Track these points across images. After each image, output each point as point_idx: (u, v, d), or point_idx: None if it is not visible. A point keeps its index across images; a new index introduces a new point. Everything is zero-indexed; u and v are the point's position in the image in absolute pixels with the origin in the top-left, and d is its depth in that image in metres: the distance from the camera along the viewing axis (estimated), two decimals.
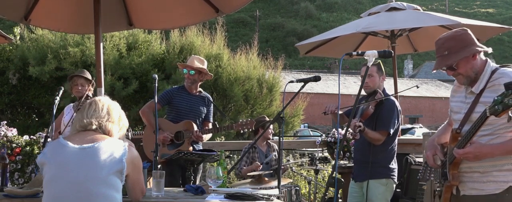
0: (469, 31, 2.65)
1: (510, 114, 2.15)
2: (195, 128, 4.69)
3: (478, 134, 2.50)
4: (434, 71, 2.70)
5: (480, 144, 2.47)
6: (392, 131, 3.94)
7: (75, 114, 4.16)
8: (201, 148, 4.84)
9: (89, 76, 4.68)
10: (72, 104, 4.76)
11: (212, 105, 4.95)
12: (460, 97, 2.74)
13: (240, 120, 4.71)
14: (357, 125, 3.74)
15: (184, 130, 4.67)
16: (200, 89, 4.90)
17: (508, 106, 2.10)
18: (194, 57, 4.83)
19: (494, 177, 2.54)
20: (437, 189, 2.72)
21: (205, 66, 4.81)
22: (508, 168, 2.52)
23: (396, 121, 3.99)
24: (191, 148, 4.69)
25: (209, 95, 4.97)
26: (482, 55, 2.65)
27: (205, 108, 4.87)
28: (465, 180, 2.61)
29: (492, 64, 2.65)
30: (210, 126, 4.84)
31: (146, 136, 4.83)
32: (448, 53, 2.59)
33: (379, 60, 3.97)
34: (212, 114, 4.97)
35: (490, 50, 2.67)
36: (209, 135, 4.84)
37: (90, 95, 4.60)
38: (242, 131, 4.74)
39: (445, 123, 2.98)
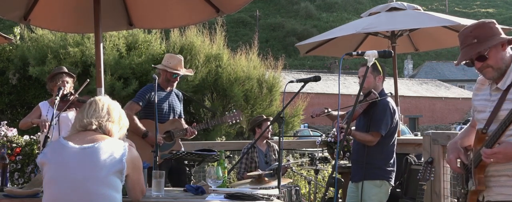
0: (496, 22, 2.49)
1: None
2: (185, 125, 4.62)
3: (506, 134, 2.30)
4: (458, 65, 2.49)
5: (511, 144, 2.25)
6: (384, 132, 3.93)
7: (55, 111, 4.13)
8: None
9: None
10: (46, 101, 4.71)
11: (183, 101, 4.88)
12: (484, 95, 2.52)
13: (227, 113, 4.67)
14: (340, 126, 3.74)
15: (173, 129, 4.58)
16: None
17: None
18: (179, 60, 4.67)
19: None
20: (460, 195, 2.52)
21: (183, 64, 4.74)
22: None
23: (390, 122, 3.96)
24: (183, 147, 4.66)
25: (179, 91, 4.86)
26: (509, 49, 2.45)
27: (180, 104, 4.81)
28: (491, 184, 2.40)
29: None
30: (183, 121, 4.76)
31: (133, 140, 4.75)
32: (477, 41, 2.38)
33: (376, 60, 3.97)
34: (183, 110, 4.88)
35: None
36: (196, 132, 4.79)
37: (73, 91, 4.58)
38: (231, 123, 4.69)
39: (468, 125, 2.75)
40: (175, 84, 4.72)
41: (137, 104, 4.50)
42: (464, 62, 2.47)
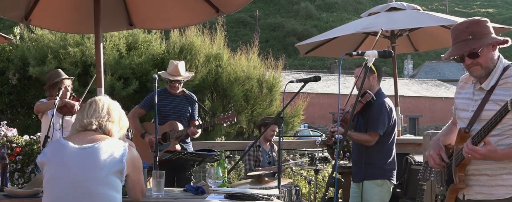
0: (489, 21, 2.51)
1: None
2: (180, 126, 4.80)
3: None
4: (446, 60, 2.51)
5: (494, 148, 2.26)
6: (382, 132, 3.93)
7: (55, 111, 4.14)
8: (191, 148, 4.94)
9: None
10: (44, 99, 4.77)
11: (196, 103, 5.04)
12: (467, 94, 2.55)
13: (222, 114, 4.81)
14: (332, 130, 3.76)
15: (169, 131, 4.79)
16: (183, 89, 5.01)
17: None
18: (177, 66, 4.86)
19: (503, 181, 2.36)
20: (440, 193, 2.54)
21: (184, 68, 4.93)
22: None
23: (387, 121, 3.97)
24: (178, 147, 4.81)
25: (193, 95, 5.07)
26: (497, 51, 2.49)
27: (189, 107, 4.98)
28: (472, 183, 2.43)
29: (504, 60, 2.49)
30: (197, 123, 4.97)
31: (135, 141, 4.88)
32: (473, 38, 2.39)
33: None
34: (197, 113, 5.08)
35: (510, 41, 2.47)
36: (199, 131, 4.93)
37: (74, 95, 4.66)
38: (224, 124, 4.81)
39: (449, 122, 2.78)
40: (177, 88, 4.90)
41: (140, 108, 4.95)
42: (452, 57, 2.48)
